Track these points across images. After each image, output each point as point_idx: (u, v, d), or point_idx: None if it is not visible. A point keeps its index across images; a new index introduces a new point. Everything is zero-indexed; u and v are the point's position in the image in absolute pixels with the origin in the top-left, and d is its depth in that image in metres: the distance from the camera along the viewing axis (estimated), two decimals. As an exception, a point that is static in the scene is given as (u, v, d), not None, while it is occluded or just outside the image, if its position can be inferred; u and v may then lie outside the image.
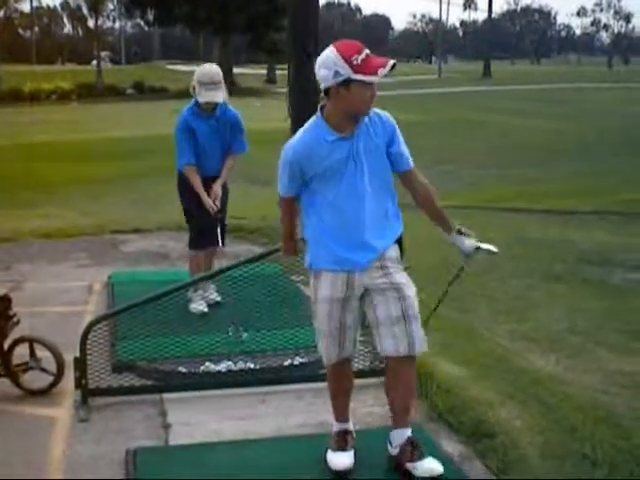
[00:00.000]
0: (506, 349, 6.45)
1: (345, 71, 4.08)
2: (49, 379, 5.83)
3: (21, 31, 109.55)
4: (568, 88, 59.91)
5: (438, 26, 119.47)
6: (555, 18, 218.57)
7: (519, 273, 8.99)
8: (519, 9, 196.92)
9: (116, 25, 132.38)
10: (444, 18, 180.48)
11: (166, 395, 5.76)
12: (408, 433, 4.58)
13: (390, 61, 4.13)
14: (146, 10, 66.82)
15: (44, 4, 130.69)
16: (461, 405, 5.27)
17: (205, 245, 7.69)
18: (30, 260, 9.94)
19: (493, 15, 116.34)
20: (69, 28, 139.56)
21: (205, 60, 50.19)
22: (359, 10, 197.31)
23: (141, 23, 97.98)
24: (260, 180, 15.84)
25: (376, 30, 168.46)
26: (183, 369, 6.03)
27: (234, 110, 7.60)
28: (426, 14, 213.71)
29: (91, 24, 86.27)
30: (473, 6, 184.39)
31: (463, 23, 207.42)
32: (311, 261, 4.48)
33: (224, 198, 7.58)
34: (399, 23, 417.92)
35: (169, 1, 61.09)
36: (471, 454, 4.78)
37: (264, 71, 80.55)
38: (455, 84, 68.61)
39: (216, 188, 7.47)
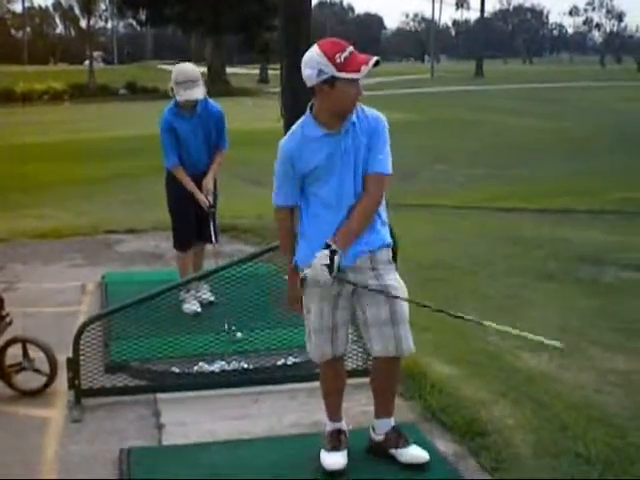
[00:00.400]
0: (499, 348, 6.45)
1: (329, 69, 4.10)
2: (42, 379, 5.82)
3: (13, 31, 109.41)
4: (561, 87, 60.00)
5: (431, 25, 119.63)
6: (547, 17, 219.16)
7: (512, 272, 9.00)
8: (511, 8, 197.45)
9: (108, 25, 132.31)
10: (437, 17, 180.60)
11: (159, 395, 5.75)
12: (392, 422, 4.69)
13: (373, 58, 4.15)
14: (138, 10, 66.76)
15: (36, 4, 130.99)
16: (454, 404, 5.28)
17: (189, 245, 7.75)
18: (23, 260, 9.92)
19: (485, 14, 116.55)
20: (61, 28, 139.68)
21: (197, 60, 50.24)
22: (352, 9, 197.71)
23: (133, 23, 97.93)
24: (253, 180, 15.83)
25: (369, 29, 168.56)
26: (176, 369, 6.03)
27: (217, 105, 7.58)
28: (419, 13, 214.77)
29: (83, 24, 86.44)
30: (465, 5, 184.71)
31: (455, 22, 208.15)
32: (304, 263, 4.48)
33: (214, 194, 7.62)
34: (392, 22, 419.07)
35: (161, 1, 61.02)
36: (465, 453, 4.79)
37: (257, 71, 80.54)
38: (448, 83, 68.70)
39: (206, 183, 7.50)
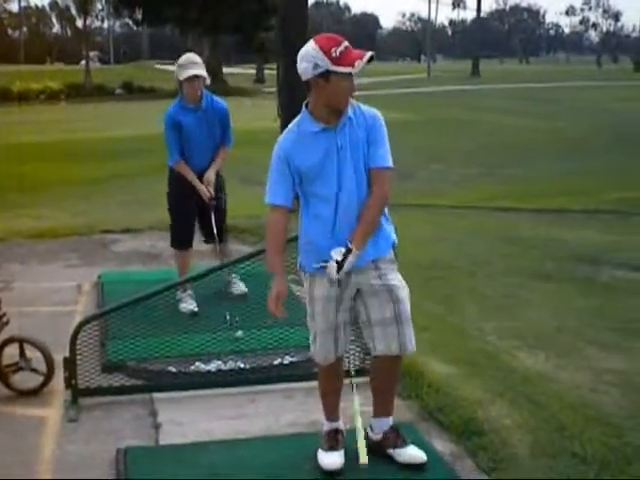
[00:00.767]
0: (496, 347, 6.46)
1: (324, 63, 4.13)
2: (39, 379, 5.81)
3: (10, 31, 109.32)
4: (557, 87, 60.04)
5: (427, 25, 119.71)
6: (544, 17, 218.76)
7: (509, 272, 9.01)
8: (508, 8, 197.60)
9: (104, 25, 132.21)
10: (433, 17, 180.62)
11: (156, 395, 5.75)
12: (390, 422, 4.70)
13: (368, 53, 4.18)
14: (134, 10, 66.69)
15: (32, 4, 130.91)
16: (452, 404, 5.28)
17: (187, 245, 7.77)
18: (20, 260, 9.91)
19: (482, 14, 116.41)
20: (58, 28, 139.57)
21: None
22: (348, 9, 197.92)
23: (129, 23, 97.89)
24: (250, 180, 15.80)
25: (365, 29, 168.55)
26: (173, 369, 6.03)
27: (222, 102, 7.64)
28: (415, 13, 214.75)
29: (80, 24, 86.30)
30: (462, 5, 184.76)
31: (452, 22, 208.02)
32: (308, 265, 4.48)
33: (223, 192, 7.76)
34: (388, 22, 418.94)
35: (158, 1, 60.96)
36: (462, 452, 4.79)
37: (253, 71, 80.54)
38: (444, 83, 68.71)
39: (208, 175, 7.54)
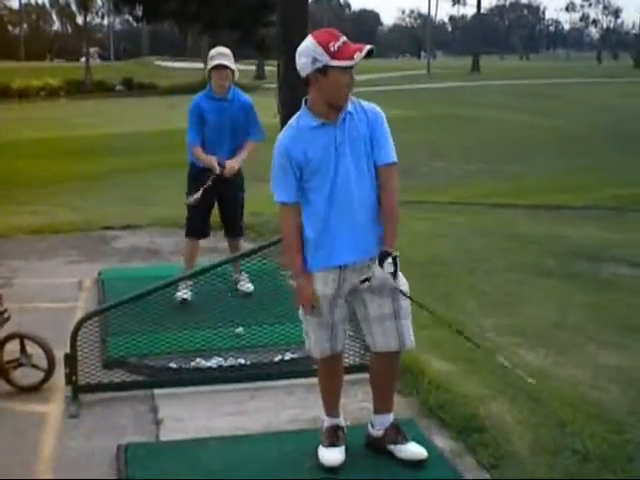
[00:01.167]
0: (496, 344, 6.46)
1: (323, 57, 4.14)
2: (40, 375, 5.81)
3: (10, 28, 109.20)
4: (557, 83, 60.00)
5: (427, 21, 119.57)
6: (544, 13, 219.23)
7: (509, 268, 9.00)
8: (508, 4, 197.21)
9: (105, 22, 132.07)
10: (433, 13, 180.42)
11: (157, 391, 5.75)
12: (391, 418, 4.69)
13: (367, 46, 4.18)
14: (134, 6, 66.67)
15: (32, 1, 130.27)
16: (452, 401, 5.28)
17: (198, 235, 7.89)
18: (20, 256, 9.90)
19: (482, 10, 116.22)
20: (58, 25, 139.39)
21: (193, 57, 50.17)
22: (348, 5, 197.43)
23: (130, 19, 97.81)
24: (253, 176, 15.82)
25: (365, 26, 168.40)
26: (174, 365, 6.04)
27: (246, 97, 7.82)
28: (415, 9, 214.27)
29: (80, 21, 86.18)
30: (462, 1, 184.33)
31: (452, 18, 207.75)
32: (313, 264, 4.46)
33: (242, 189, 7.90)
34: (388, 19, 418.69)
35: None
36: (462, 449, 4.79)
37: (253, 67, 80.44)
38: (444, 79, 68.65)
39: (231, 162, 7.67)
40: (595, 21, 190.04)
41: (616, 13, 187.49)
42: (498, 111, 35.55)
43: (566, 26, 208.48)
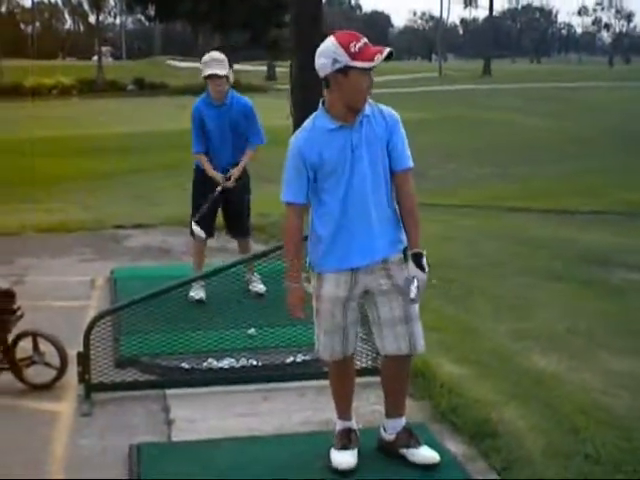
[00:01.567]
0: (508, 349, 6.45)
1: (343, 58, 4.14)
2: (52, 373, 5.83)
3: (22, 26, 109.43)
4: (569, 87, 59.87)
5: (439, 24, 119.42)
6: (556, 16, 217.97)
7: (520, 272, 9.00)
8: (520, 7, 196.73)
9: (117, 21, 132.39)
10: (444, 16, 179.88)
11: (169, 391, 5.76)
12: (403, 422, 4.68)
13: (387, 49, 4.19)
14: (147, 6, 66.75)
15: None
16: (464, 405, 5.26)
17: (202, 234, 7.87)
18: (32, 254, 9.94)
19: (494, 13, 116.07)
20: (70, 23, 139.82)
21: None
22: (359, 7, 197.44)
23: (142, 19, 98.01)
24: (261, 177, 15.83)
25: (376, 27, 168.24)
26: (186, 365, 6.04)
27: (246, 99, 7.79)
28: (426, 11, 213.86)
29: (92, 19, 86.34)
30: (473, 4, 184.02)
31: (463, 21, 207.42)
32: (316, 263, 4.48)
33: (245, 191, 7.87)
34: (399, 21, 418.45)
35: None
36: (474, 454, 4.78)
37: (264, 68, 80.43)
38: (456, 82, 68.55)
39: (232, 172, 7.68)
40: (607, 25, 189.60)
41: (629, 17, 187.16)
42: (509, 114, 35.47)
43: (578, 30, 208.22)
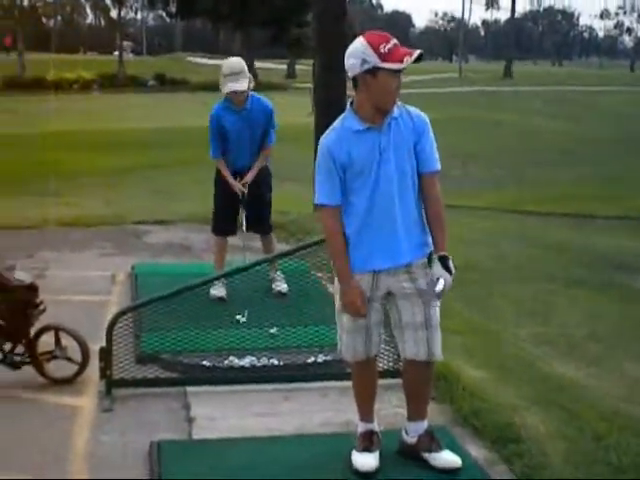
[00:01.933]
0: (530, 354, 6.43)
1: (373, 59, 4.13)
2: (73, 368, 5.84)
3: (44, 20, 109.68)
4: (590, 91, 59.64)
5: (460, 25, 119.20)
6: (578, 19, 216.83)
7: (541, 276, 8.97)
8: (542, 9, 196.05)
9: (138, 16, 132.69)
10: (466, 17, 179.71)
11: (189, 388, 5.76)
12: (425, 425, 4.66)
13: (417, 50, 4.18)
14: (169, 2, 66.94)
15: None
16: (486, 409, 5.23)
17: (224, 233, 7.90)
18: (53, 248, 9.96)
19: (515, 15, 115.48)
20: (91, 18, 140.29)
21: (225, 53, 50.19)
22: (380, 7, 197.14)
23: (163, 15, 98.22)
24: (281, 175, 15.83)
25: (398, 27, 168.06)
26: (207, 363, 6.04)
27: (266, 101, 7.75)
28: (448, 12, 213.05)
29: (114, 14, 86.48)
30: (495, 5, 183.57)
31: (485, 22, 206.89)
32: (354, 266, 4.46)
33: (265, 188, 7.87)
34: (420, 21, 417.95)
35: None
36: (496, 458, 4.75)
37: (284, 66, 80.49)
38: (476, 83, 68.35)
39: (247, 178, 7.68)
40: (629, 29, 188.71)
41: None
42: (530, 117, 35.39)
43: (600, 33, 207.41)
